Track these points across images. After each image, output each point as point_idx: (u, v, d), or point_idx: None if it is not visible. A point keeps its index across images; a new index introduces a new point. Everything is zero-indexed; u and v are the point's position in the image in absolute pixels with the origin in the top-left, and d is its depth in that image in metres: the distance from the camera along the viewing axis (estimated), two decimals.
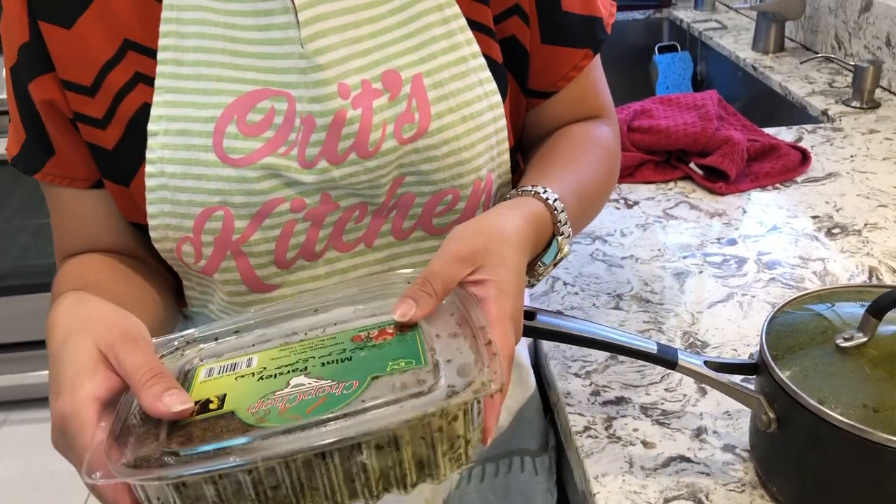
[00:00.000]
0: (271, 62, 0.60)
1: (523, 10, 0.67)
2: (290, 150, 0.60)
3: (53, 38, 0.61)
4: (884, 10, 1.32)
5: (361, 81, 0.60)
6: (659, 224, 0.98)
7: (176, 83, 0.60)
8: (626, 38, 1.90)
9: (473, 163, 0.63)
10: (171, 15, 0.60)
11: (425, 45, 0.62)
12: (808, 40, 1.55)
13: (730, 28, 1.71)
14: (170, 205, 0.61)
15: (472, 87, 0.63)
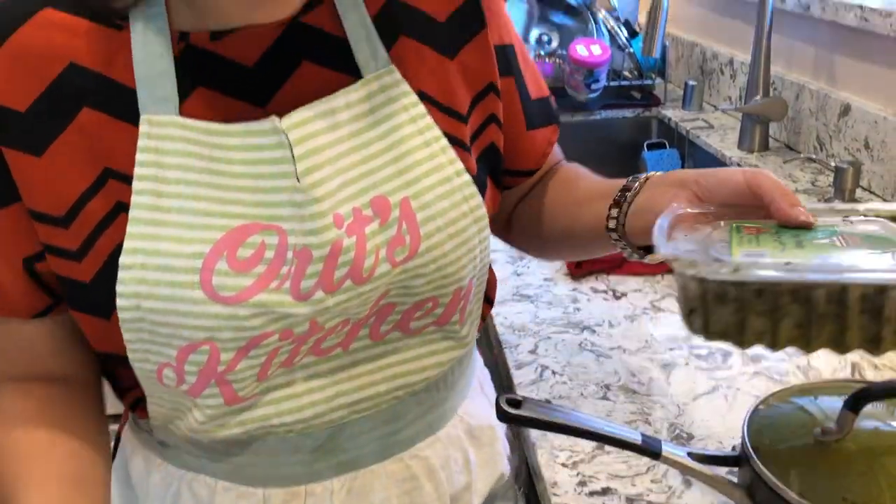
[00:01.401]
0: (260, 196, 0.59)
1: (497, 118, 0.71)
2: (283, 284, 0.59)
3: (21, 166, 0.58)
4: (861, 115, 1.38)
5: (353, 209, 0.60)
6: (646, 316, 1.00)
7: (155, 215, 0.58)
8: (616, 135, 1.96)
9: (457, 275, 0.65)
10: (150, 144, 0.58)
11: (410, 168, 0.62)
12: (791, 141, 1.60)
13: (716, 127, 1.77)
14: (149, 334, 0.59)
15: (457, 204, 0.64)
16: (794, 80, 1.58)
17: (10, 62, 0.57)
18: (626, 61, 2.01)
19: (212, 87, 0.60)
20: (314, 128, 0.59)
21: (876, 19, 1.30)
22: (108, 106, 0.58)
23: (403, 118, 0.63)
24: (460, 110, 0.67)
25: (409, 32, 0.65)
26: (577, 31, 2.02)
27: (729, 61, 1.85)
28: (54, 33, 0.58)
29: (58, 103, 0.58)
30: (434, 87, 0.65)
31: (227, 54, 0.60)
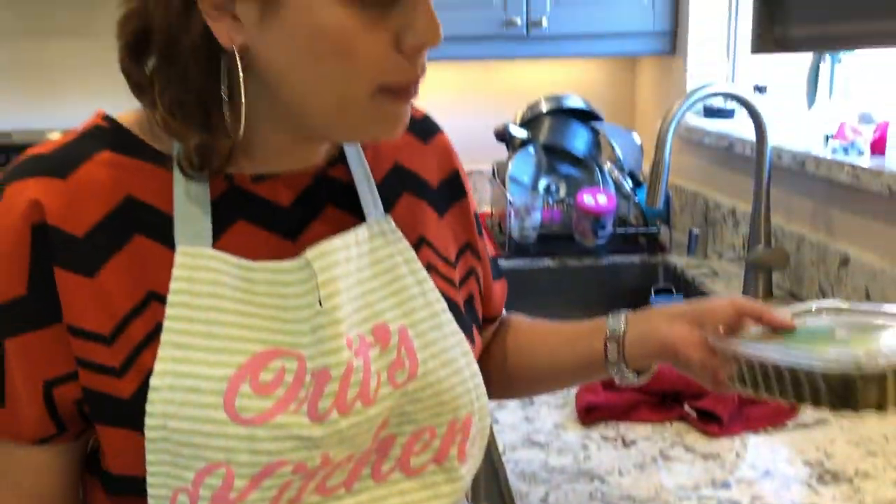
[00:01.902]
0: (282, 324, 0.65)
1: (477, 273, 0.82)
2: (300, 407, 0.63)
3: (72, 286, 0.61)
4: (860, 267, 1.42)
5: (358, 335, 0.67)
6: (655, 465, 1.01)
7: (185, 339, 0.62)
8: (623, 281, 2.01)
9: (452, 404, 0.71)
10: (183, 273, 0.63)
11: (406, 301, 0.71)
12: (794, 289, 1.64)
13: (721, 274, 1.82)
14: (171, 455, 0.62)
15: (446, 336, 0.72)
16: (794, 231, 1.64)
17: (71, 193, 0.63)
18: (632, 209, 2.09)
19: (251, 222, 0.68)
20: (334, 259, 0.67)
21: (867, 178, 1.37)
22: (155, 234, 0.64)
23: (398, 260, 0.72)
24: (449, 258, 0.78)
25: (411, 191, 0.77)
26: (584, 180, 2.11)
27: (731, 211, 1.92)
28: (112, 170, 0.65)
29: (113, 231, 0.63)
30: (431, 234, 0.77)
31: (265, 195, 0.69)
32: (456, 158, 0.83)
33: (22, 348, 0.62)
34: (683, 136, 2.16)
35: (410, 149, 0.79)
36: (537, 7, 2.13)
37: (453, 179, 0.81)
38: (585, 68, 2.54)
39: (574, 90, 2.33)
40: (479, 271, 0.83)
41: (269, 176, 0.69)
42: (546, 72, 2.51)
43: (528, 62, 2.47)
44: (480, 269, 0.83)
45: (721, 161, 2.01)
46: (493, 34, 2.14)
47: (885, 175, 1.33)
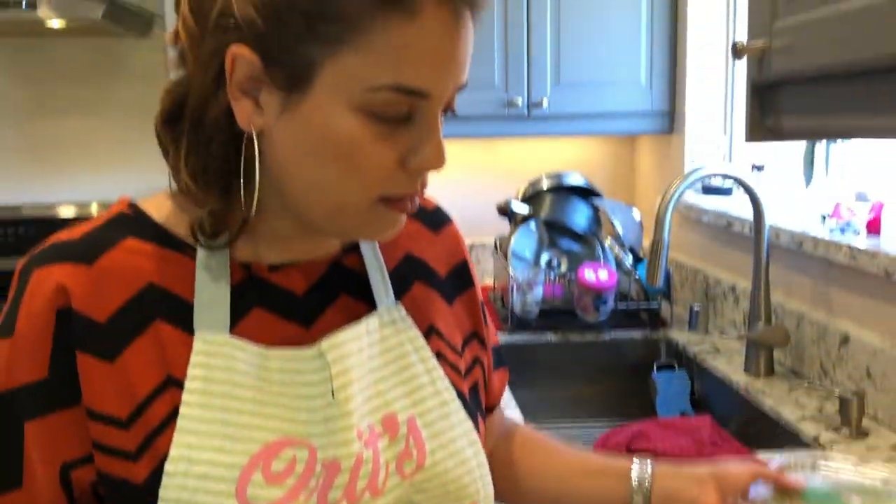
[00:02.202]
0: (295, 413, 0.66)
1: (483, 363, 0.83)
2: (310, 497, 0.64)
3: (92, 370, 0.63)
4: (860, 346, 1.43)
5: (368, 426, 0.68)
6: None
7: (200, 426, 0.63)
8: (625, 356, 2.01)
9: (457, 493, 0.71)
10: (201, 359, 0.64)
11: (415, 391, 0.72)
12: (796, 366, 1.65)
13: (722, 351, 1.83)
14: None
15: (454, 426, 0.72)
16: (794, 309, 1.65)
17: (95, 279, 0.64)
18: (633, 285, 2.10)
19: (266, 309, 0.69)
20: (347, 349, 0.68)
21: (864, 258, 1.39)
22: (176, 320, 0.66)
23: (409, 348, 0.73)
24: (457, 346, 0.79)
25: (422, 280, 0.79)
26: (585, 255, 2.13)
27: (731, 288, 1.93)
28: (136, 258, 0.66)
29: (134, 316, 0.65)
30: (440, 322, 0.78)
31: (281, 283, 0.71)
32: (464, 249, 0.84)
33: (42, 431, 0.63)
34: (683, 213, 2.19)
35: (422, 238, 0.81)
36: (538, 88, 2.19)
37: (461, 269, 0.83)
38: (586, 146, 2.59)
39: (574, 167, 2.38)
40: (485, 361, 0.83)
41: (285, 265, 0.71)
42: (547, 149, 2.56)
43: (529, 140, 2.52)
44: (485, 359, 0.84)
45: (720, 238, 2.03)
46: (495, 114, 2.20)
47: (881, 256, 1.35)
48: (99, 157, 2.48)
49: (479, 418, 0.78)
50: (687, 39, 2.16)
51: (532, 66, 2.18)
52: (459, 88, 0.66)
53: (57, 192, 2.47)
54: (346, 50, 0.60)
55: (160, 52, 2.24)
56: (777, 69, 0.89)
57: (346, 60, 0.60)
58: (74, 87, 2.45)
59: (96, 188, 2.46)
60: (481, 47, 2.15)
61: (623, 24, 2.19)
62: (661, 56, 2.21)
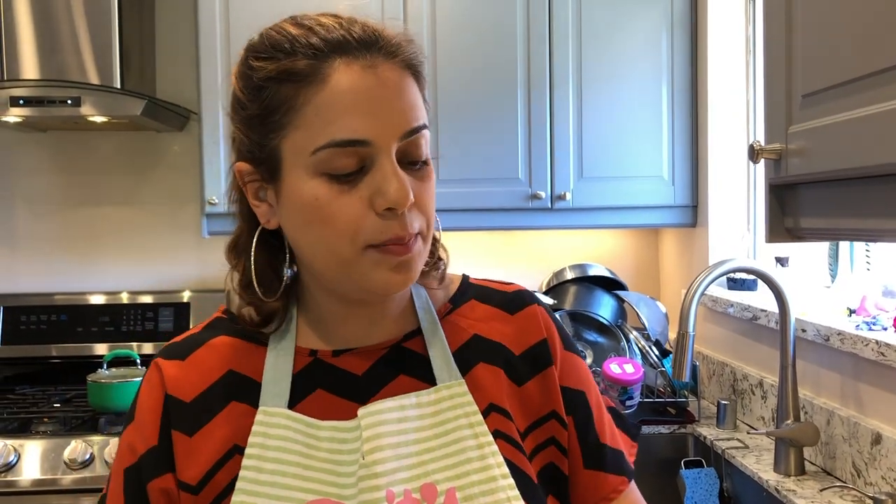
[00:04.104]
0: (336, 476, 0.73)
1: (560, 443, 0.81)
2: None
3: (179, 443, 0.76)
4: (894, 445, 1.40)
5: (404, 490, 0.72)
6: None
7: (254, 487, 0.72)
8: (652, 451, 1.97)
9: None
10: (260, 429, 0.75)
11: (461, 464, 0.75)
12: (827, 465, 1.61)
13: (751, 447, 1.79)
14: None
15: (499, 502, 0.73)
16: (823, 406, 1.63)
17: (187, 369, 0.80)
18: (659, 378, 2.08)
19: (328, 390, 0.78)
20: (384, 417, 0.75)
21: (893, 355, 1.38)
22: (247, 399, 0.78)
23: (463, 422, 0.77)
24: (522, 426, 0.80)
25: (487, 360, 0.82)
26: (610, 348, 2.12)
27: (759, 383, 1.91)
28: (222, 351, 0.81)
29: (215, 397, 0.78)
30: (504, 401, 0.80)
31: (343, 366, 0.80)
32: (549, 329, 0.85)
33: (158, 491, 0.75)
34: (708, 306, 2.18)
35: (493, 321, 0.84)
36: (561, 182, 2.23)
37: (539, 349, 0.83)
38: (610, 237, 2.61)
39: (599, 259, 2.40)
40: (565, 442, 0.82)
41: (348, 350, 0.81)
42: (571, 240, 2.58)
43: (553, 231, 2.55)
44: (567, 441, 0.82)
45: (746, 332, 2.02)
46: (519, 206, 2.23)
47: None
48: (131, 246, 2.54)
49: (544, 500, 0.78)
50: (708, 135, 2.20)
51: (555, 160, 2.23)
52: (411, 132, 0.74)
53: (89, 279, 2.52)
54: (291, 130, 0.73)
55: (195, 145, 2.31)
56: (793, 171, 0.91)
57: (294, 138, 0.73)
58: (111, 178, 2.53)
59: (127, 275, 2.52)
60: (506, 142, 2.22)
61: (645, 118, 2.24)
62: (683, 151, 2.25)
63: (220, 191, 2.16)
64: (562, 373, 0.84)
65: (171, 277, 2.51)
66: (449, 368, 0.80)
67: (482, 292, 0.88)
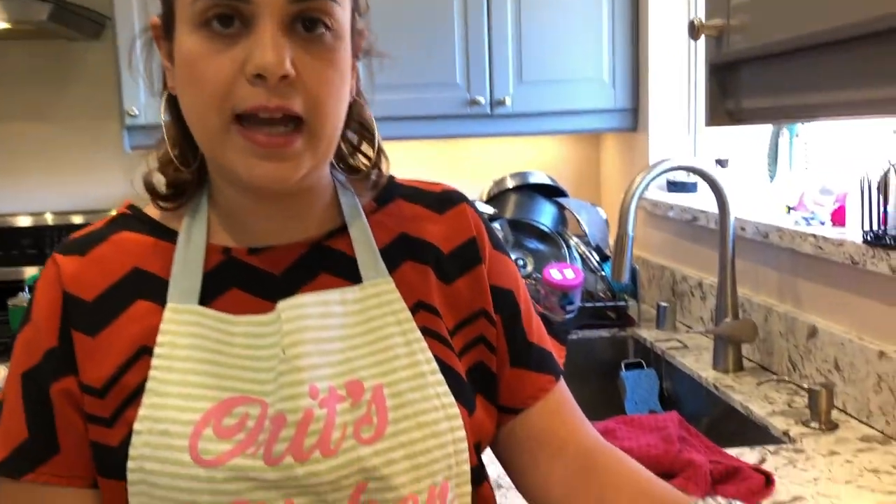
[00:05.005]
0: (251, 373, 0.69)
1: (489, 341, 0.79)
2: (258, 450, 0.66)
3: (80, 345, 0.70)
4: (828, 338, 1.41)
5: (329, 387, 0.69)
6: None
7: (164, 387, 0.68)
8: (593, 355, 1.98)
9: (429, 468, 0.70)
10: (170, 327, 0.70)
11: (388, 361, 0.72)
12: (764, 361, 1.63)
13: (690, 347, 1.80)
14: (147, 498, 0.66)
15: (428, 398, 0.71)
16: (761, 303, 1.63)
17: (86, 266, 0.73)
18: (599, 283, 2.08)
19: (243, 289, 0.73)
20: (306, 311, 0.71)
21: (830, 248, 1.38)
22: (154, 297, 0.72)
23: (390, 320, 0.74)
24: (451, 324, 0.78)
25: (415, 258, 0.79)
26: (551, 255, 2.10)
27: (698, 284, 1.91)
28: (125, 248, 0.75)
29: (117, 297, 0.72)
30: (433, 299, 0.77)
31: (260, 266, 0.75)
32: (478, 228, 0.82)
33: (61, 394, 0.70)
34: (648, 210, 2.17)
35: (421, 220, 0.81)
36: (501, 86, 2.16)
37: (468, 247, 0.80)
38: (550, 144, 2.57)
39: (539, 167, 2.35)
40: (494, 341, 0.79)
41: (264, 248, 0.75)
42: (511, 148, 2.53)
43: (493, 139, 2.50)
44: (496, 339, 0.80)
45: (686, 234, 2.01)
46: (457, 113, 2.16)
47: (846, 245, 1.33)
48: (53, 164, 2.41)
49: (473, 399, 0.76)
50: (649, 31, 2.15)
51: (494, 63, 2.15)
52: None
53: (11, 200, 2.39)
54: None
55: (112, 55, 2.17)
56: (735, 48, 0.86)
57: None
58: (23, 91, 2.37)
59: (49, 196, 2.39)
60: (442, 46, 2.13)
61: (585, 17, 2.17)
62: (624, 53, 2.19)
63: (139, 102, 2.04)
64: (490, 271, 0.81)
65: (96, 196, 2.39)
66: (375, 266, 0.76)
67: (409, 192, 0.83)
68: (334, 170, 0.81)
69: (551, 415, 0.82)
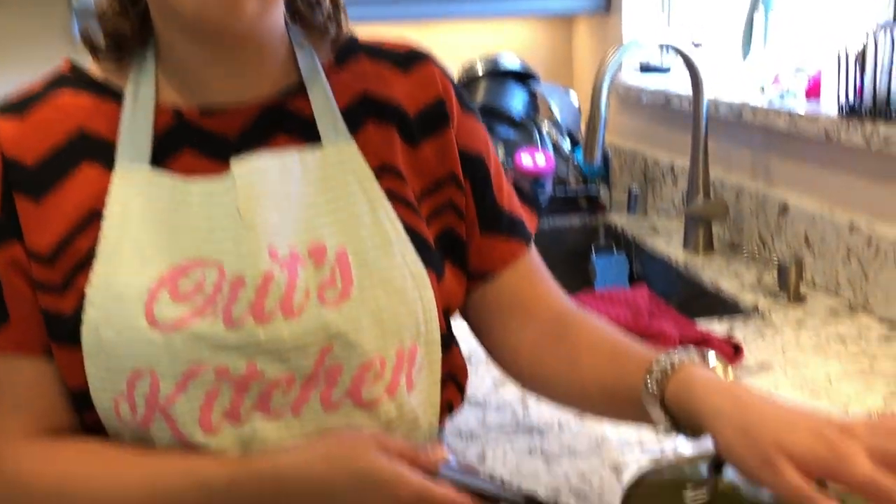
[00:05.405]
0: (208, 236, 0.66)
1: (457, 207, 0.76)
2: (216, 314, 0.64)
3: (24, 210, 0.67)
4: (799, 213, 1.41)
5: (289, 249, 0.67)
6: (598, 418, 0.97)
7: (116, 251, 0.65)
8: (564, 242, 1.97)
9: (397, 330, 0.68)
10: (120, 190, 0.67)
11: (351, 225, 0.69)
12: (735, 240, 1.63)
13: (661, 231, 1.80)
14: (105, 365, 0.64)
15: (395, 262, 0.69)
16: (733, 183, 1.62)
17: (27, 129, 0.69)
18: (571, 170, 2.05)
19: (197, 152, 0.70)
20: (261, 171, 0.68)
21: (804, 123, 1.35)
22: (102, 160, 0.68)
23: (353, 182, 0.70)
24: (419, 188, 0.74)
25: (378, 118, 0.74)
26: (522, 142, 2.06)
27: (670, 168, 1.89)
28: (66, 109, 0.70)
29: (62, 160, 0.68)
30: (398, 162, 0.74)
31: (213, 128, 0.71)
32: (446, 88, 0.77)
33: (6, 261, 0.66)
34: (621, 95, 2.13)
35: (384, 78, 0.76)
36: None
37: (435, 109, 0.76)
38: (521, 28, 2.49)
39: (510, 51, 2.29)
40: (463, 206, 0.77)
41: (218, 110, 0.71)
42: (481, 32, 2.45)
43: (463, 23, 2.41)
44: (464, 205, 0.77)
45: (659, 118, 1.98)
46: None
47: (821, 119, 1.31)
48: None
49: (442, 265, 0.74)
50: None
51: None
52: None
53: None
54: None
55: None
56: None
57: None
58: None
59: None
60: None
61: None
62: None
63: None
64: (459, 134, 0.77)
65: None
66: (336, 126, 0.72)
67: (372, 49, 0.78)
68: (290, 26, 0.75)
69: (522, 280, 0.81)
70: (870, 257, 1.24)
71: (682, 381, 0.61)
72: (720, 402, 0.58)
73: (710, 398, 0.59)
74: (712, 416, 0.57)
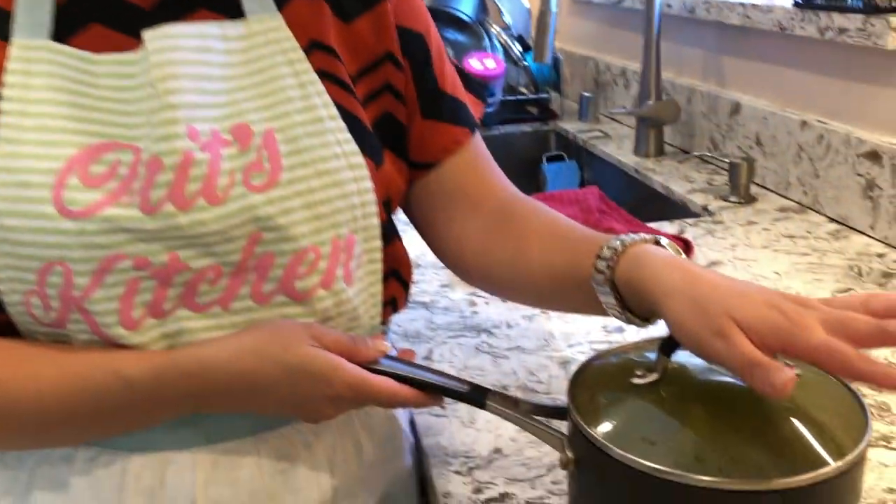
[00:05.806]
0: (120, 117, 0.60)
1: (396, 89, 0.71)
2: (133, 199, 0.59)
3: None
4: (751, 112, 1.38)
5: (211, 130, 0.61)
6: (544, 315, 0.95)
7: (18, 134, 0.59)
8: (515, 150, 1.93)
9: (332, 218, 0.63)
10: (19, 66, 0.60)
11: (279, 103, 0.63)
12: (685, 144, 1.60)
13: (613, 136, 1.77)
14: (12, 258, 0.59)
15: (328, 145, 0.63)
16: (684, 84, 1.59)
17: None
18: (522, 76, 2.00)
19: (107, 25, 0.62)
20: (179, 43, 0.61)
21: (758, 16, 1.31)
22: None
23: (280, 60, 0.65)
24: (354, 68, 0.69)
25: None
26: (471, 46, 1.99)
27: (622, 72, 1.85)
28: None
29: None
30: (330, 39, 0.67)
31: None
32: None
33: None
34: None
35: None
36: None
37: None
38: None
39: None
40: (402, 88, 0.72)
41: None
42: None
43: None
44: (404, 87, 0.72)
45: (611, 20, 1.93)
46: None
47: (775, 11, 1.27)
48: None
49: (380, 151, 0.69)
50: None
51: None
52: None
53: None
54: None
55: None
56: None
57: None
58: None
59: None
60: None
61: None
62: None
63: None
64: (398, 10, 0.71)
65: None
66: (262, 1, 0.66)
67: None
68: None
69: (466, 169, 0.76)
70: (820, 154, 1.22)
71: (632, 257, 0.58)
72: (671, 275, 0.55)
73: (661, 273, 0.56)
74: (663, 291, 0.54)
